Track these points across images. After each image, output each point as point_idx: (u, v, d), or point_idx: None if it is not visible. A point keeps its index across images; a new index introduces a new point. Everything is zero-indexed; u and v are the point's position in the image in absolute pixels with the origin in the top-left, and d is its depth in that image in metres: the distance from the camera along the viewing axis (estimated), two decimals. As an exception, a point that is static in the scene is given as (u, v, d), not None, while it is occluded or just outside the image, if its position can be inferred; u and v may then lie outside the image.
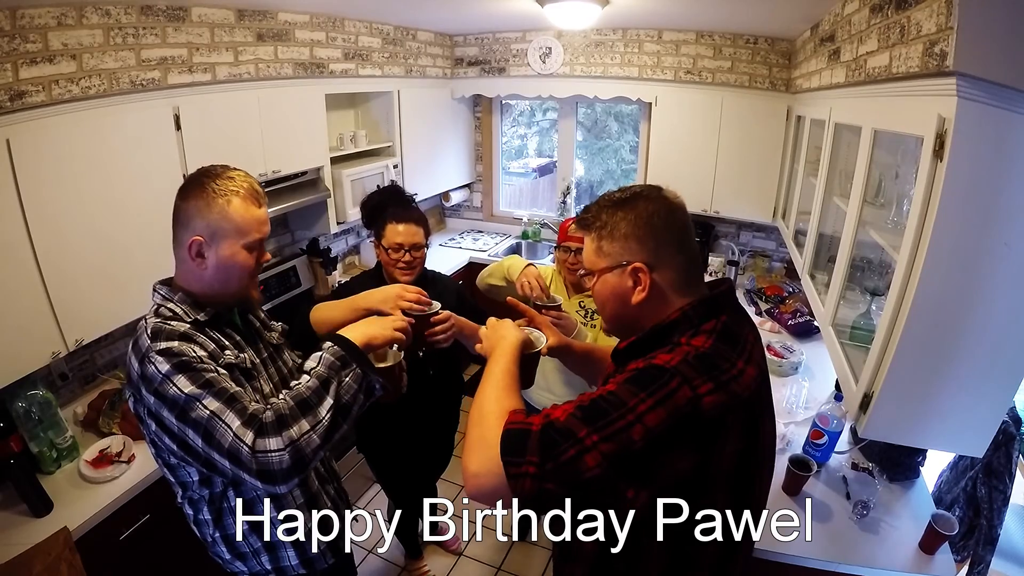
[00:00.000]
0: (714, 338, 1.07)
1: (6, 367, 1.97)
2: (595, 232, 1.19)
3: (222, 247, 1.35)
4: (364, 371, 1.31)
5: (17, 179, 1.90)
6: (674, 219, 1.15)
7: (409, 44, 4.04)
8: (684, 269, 1.16)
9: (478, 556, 3.12)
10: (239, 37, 2.74)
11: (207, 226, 1.33)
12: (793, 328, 3.34)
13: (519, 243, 4.98)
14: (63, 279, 2.08)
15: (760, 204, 3.89)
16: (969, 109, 1.20)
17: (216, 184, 1.34)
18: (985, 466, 2.06)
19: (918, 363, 1.44)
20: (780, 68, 3.64)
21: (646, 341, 1.15)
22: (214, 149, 2.63)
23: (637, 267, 1.13)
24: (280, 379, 1.54)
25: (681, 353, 1.03)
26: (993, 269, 1.31)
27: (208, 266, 1.35)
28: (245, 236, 1.36)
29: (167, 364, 1.21)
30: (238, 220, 1.34)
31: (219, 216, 1.33)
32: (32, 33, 1.95)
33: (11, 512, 1.98)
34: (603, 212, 1.19)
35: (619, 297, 1.18)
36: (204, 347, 1.29)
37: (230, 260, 1.36)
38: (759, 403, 1.09)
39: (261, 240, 1.42)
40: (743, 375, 1.03)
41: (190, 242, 1.33)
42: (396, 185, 2.33)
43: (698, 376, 0.98)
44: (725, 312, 1.14)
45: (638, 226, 1.14)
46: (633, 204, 1.16)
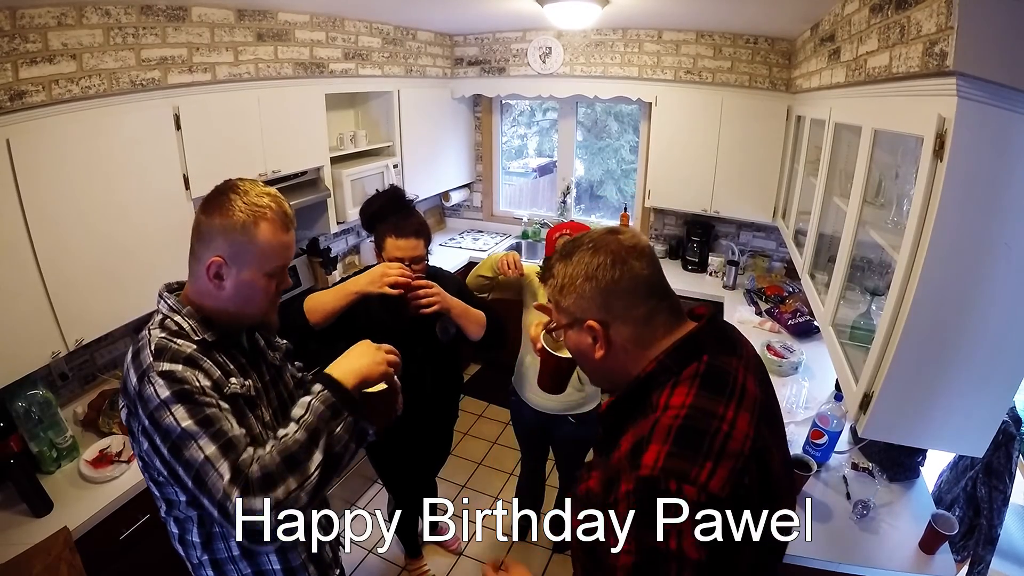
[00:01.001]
0: (696, 387, 0.99)
1: (6, 367, 1.97)
2: (551, 287, 1.14)
3: (243, 272, 1.27)
4: (356, 419, 1.26)
5: (17, 179, 1.90)
6: (624, 270, 1.05)
7: (409, 44, 4.04)
8: (645, 320, 1.07)
9: (478, 556, 3.12)
10: (239, 37, 2.74)
11: (229, 247, 1.24)
12: (793, 328, 3.34)
13: (519, 243, 4.98)
14: (63, 279, 2.08)
15: (760, 204, 3.89)
16: (969, 109, 1.20)
17: (244, 203, 1.25)
18: (985, 466, 2.06)
19: (918, 363, 1.44)
20: (780, 68, 3.64)
21: (627, 399, 1.08)
22: (214, 149, 2.64)
23: (591, 324, 1.07)
24: (280, 404, 1.47)
25: (660, 438, 0.92)
26: (993, 269, 1.31)
27: (225, 288, 1.27)
28: (269, 263, 1.29)
29: (167, 390, 1.14)
30: (264, 246, 1.26)
31: (244, 239, 1.24)
32: (32, 33, 1.95)
33: (11, 512, 1.98)
34: (555, 266, 1.13)
35: (583, 354, 1.13)
36: (209, 374, 1.22)
37: (250, 286, 1.28)
38: (761, 440, 0.97)
39: (284, 266, 1.35)
40: (735, 427, 0.94)
41: (209, 262, 1.24)
42: (396, 189, 2.28)
43: (690, 463, 0.89)
44: (706, 350, 1.05)
45: (583, 282, 1.06)
46: (577, 257, 1.08)
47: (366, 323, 1.87)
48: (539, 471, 3.02)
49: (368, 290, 1.96)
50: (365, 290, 1.96)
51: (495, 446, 3.99)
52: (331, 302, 1.93)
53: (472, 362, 4.91)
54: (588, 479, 1.06)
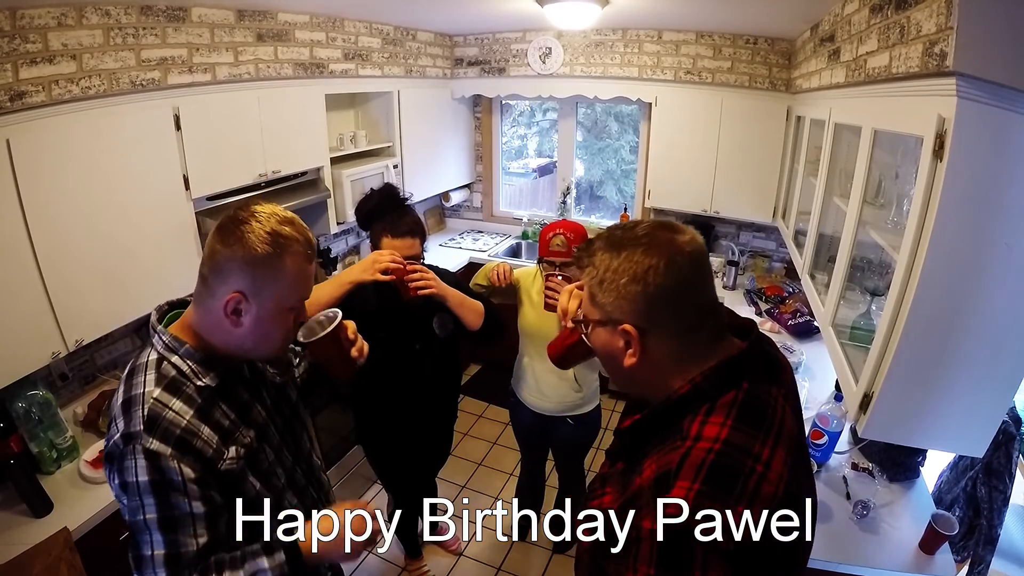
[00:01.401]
0: (731, 420, 0.90)
1: (6, 367, 1.97)
2: (586, 275, 1.01)
3: (264, 307, 1.17)
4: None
5: (17, 179, 1.90)
6: (678, 275, 0.93)
7: (409, 44, 4.05)
8: (687, 335, 0.97)
9: (478, 556, 3.12)
10: (239, 37, 2.74)
11: (252, 282, 1.14)
12: (793, 328, 3.34)
13: (519, 243, 4.98)
14: (63, 279, 2.08)
15: (760, 204, 3.89)
16: (969, 109, 1.20)
17: (267, 233, 1.14)
18: (985, 466, 2.06)
19: (918, 363, 1.44)
20: (780, 68, 3.64)
21: (654, 420, 0.99)
22: (214, 149, 2.64)
23: (626, 329, 0.95)
24: (284, 424, 1.42)
25: (690, 474, 0.85)
26: (993, 269, 1.31)
27: (243, 325, 1.17)
28: (293, 297, 1.21)
29: (146, 475, 1.07)
30: (289, 280, 1.18)
31: (268, 273, 1.15)
32: (32, 33, 1.95)
33: (11, 512, 1.98)
34: (597, 254, 0.99)
35: (611, 357, 1.01)
36: (208, 444, 1.15)
37: (271, 323, 1.19)
38: (796, 484, 0.90)
39: (305, 298, 1.26)
40: (770, 468, 0.86)
41: (228, 298, 1.14)
42: (390, 187, 2.26)
43: (722, 505, 0.81)
44: (747, 376, 0.95)
45: (628, 282, 0.94)
46: (628, 252, 0.95)
47: (362, 313, 1.88)
48: (539, 471, 3.02)
49: (362, 278, 1.97)
50: (359, 279, 1.98)
51: (495, 446, 3.99)
52: (327, 294, 1.94)
53: (472, 362, 4.91)
54: (602, 495, 1.02)
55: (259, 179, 2.95)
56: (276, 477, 1.36)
